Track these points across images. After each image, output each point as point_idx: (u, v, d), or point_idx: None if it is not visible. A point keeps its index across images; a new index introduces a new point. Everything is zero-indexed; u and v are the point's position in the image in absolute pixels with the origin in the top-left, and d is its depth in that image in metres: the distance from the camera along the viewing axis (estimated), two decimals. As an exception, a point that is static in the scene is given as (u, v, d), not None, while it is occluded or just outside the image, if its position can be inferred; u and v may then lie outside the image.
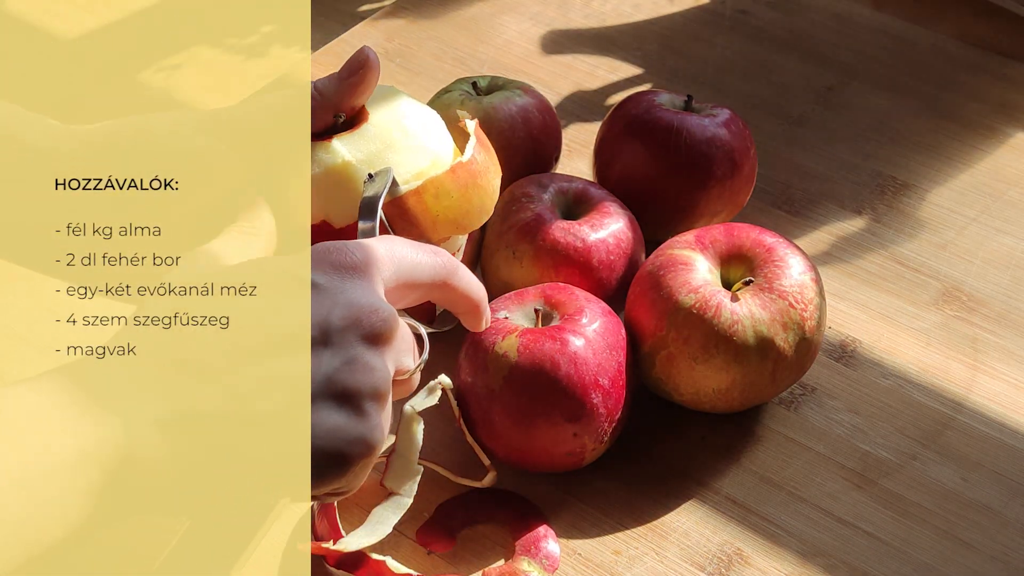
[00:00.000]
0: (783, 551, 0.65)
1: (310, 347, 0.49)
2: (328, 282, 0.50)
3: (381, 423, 0.50)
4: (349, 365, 0.49)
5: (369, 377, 0.49)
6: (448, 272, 0.55)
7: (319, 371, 0.48)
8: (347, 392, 0.49)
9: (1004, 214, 0.84)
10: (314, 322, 0.49)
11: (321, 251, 0.51)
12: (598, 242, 0.71)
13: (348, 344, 0.49)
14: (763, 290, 0.67)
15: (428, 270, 0.54)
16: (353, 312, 0.50)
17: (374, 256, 0.52)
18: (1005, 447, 0.70)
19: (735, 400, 0.68)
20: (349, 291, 0.50)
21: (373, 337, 0.50)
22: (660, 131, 0.76)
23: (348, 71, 0.60)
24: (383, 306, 0.50)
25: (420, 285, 0.54)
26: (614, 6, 1.02)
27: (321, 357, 0.49)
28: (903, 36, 0.99)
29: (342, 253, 0.51)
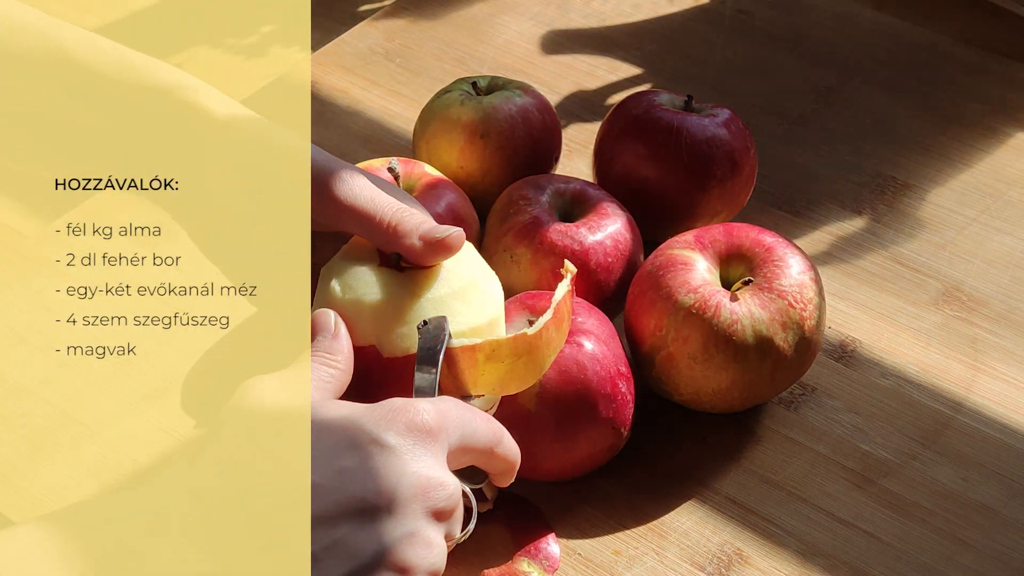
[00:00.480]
0: (783, 551, 0.65)
1: (378, 515, 0.47)
2: (400, 444, 0.49)
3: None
4: (410, 539, 0.48)
5: (428, 554, 0.48)
6: (497, 440, 0.55)
7: (379, 541, 0.47)
8: (405, 567, 0.48)
9: (1004, 214, 0.84)
10: (382, 489, 0.48)
11: (395, 408, 0.50)
12: (596, 244, 0.71)
13: (412, 516, 0.48)
14: (762, 290, 0.67)
15: (484, 438, 0.54)
16: (422, 484, 0.48)
17: (445, 421, 0.51)
18: (1005, 447, 0.70)
19: (735, 400, 0.68)
20: (420, 459, 0.49)
21: (437, 513, 0.49)
22: (660, 131, 0.76)
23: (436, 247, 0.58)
24: (450, 480, 0.50)
25: (474, 450, 0.53)
26: (614, 6, 1.02)
27: (384, 526, 0.47)
28: (903, 36, 0.99)
29: (417, 414, 0.50)
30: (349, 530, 0.47)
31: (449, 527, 0.51)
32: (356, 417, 0.50)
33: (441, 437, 0.50)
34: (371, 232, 0.58)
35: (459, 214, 0.74)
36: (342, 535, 0.47)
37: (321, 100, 0.93)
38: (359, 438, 0.49)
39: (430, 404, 0.51)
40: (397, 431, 0.49)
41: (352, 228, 0.59)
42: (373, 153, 0.88)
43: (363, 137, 0.90)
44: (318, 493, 0.47)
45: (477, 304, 0.59)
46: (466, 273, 0.59)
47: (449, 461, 0.52)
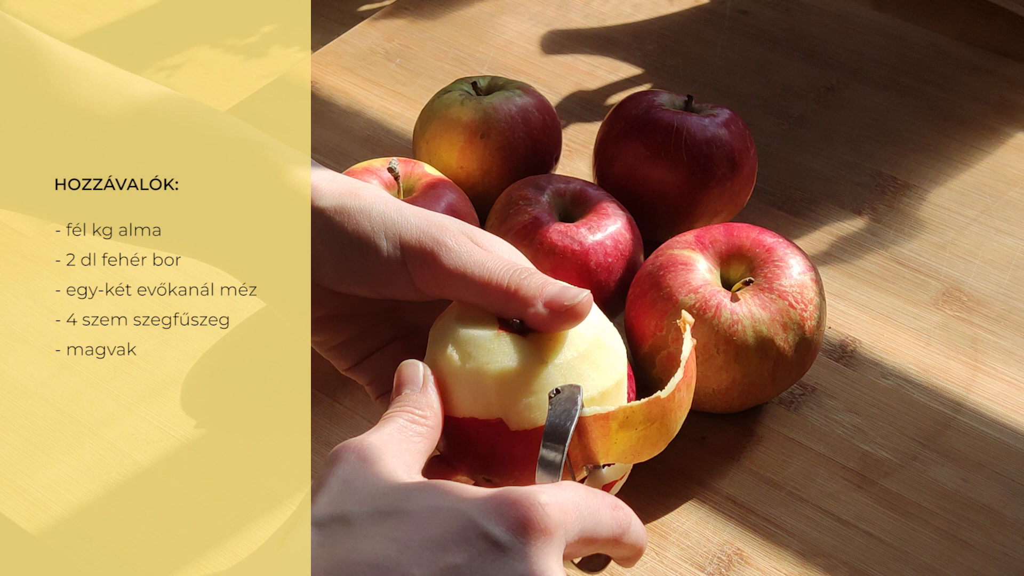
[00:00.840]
0: (783, 551, 0.65)
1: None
2: (513, 543, 0.46)
3: None
4: None
5: None
6: (624, 530, 0.51)
7: None
8: None
9: (1004, 214, 0.84)
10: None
11: (509, 501, 0.47)
12: (596, 244, 0.71)
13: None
14: (763, 290, 0.67)
15: (608, 528, 0.50)
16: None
17: (564, 515, 0.47)
18: (1005, 447, 0.70)
19: (735, 400, 0.68)
20: (531, 560, 0.46)
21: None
22: (660, 131, 0.76)
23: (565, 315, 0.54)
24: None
25: (597, 541, 0.50)
26: (614, 6, 1.02)
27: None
28: (903, 36, 0.99)
29: (534, 509, 0.46)
30: None
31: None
32: (467, 508, 0.46)
33: (559, 534, 0.47)
34: (488, 301, 0.55)
35: (459, 214, 0.74)
36: None
37: (321, 100, 0.93)
38: (468, 532, 0.46)
39: (550, 498, 0.47)
40: (511, 527, 0.46)
41: (464, 296, 0.56)
42: (373, 153, 0.88)
43: (363, 137, 0.90)
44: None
45: (604, 365, 0.55)
46: (590, 332, 0.55)
47: (568, 555, 0.49)
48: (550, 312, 0.53)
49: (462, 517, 0.46)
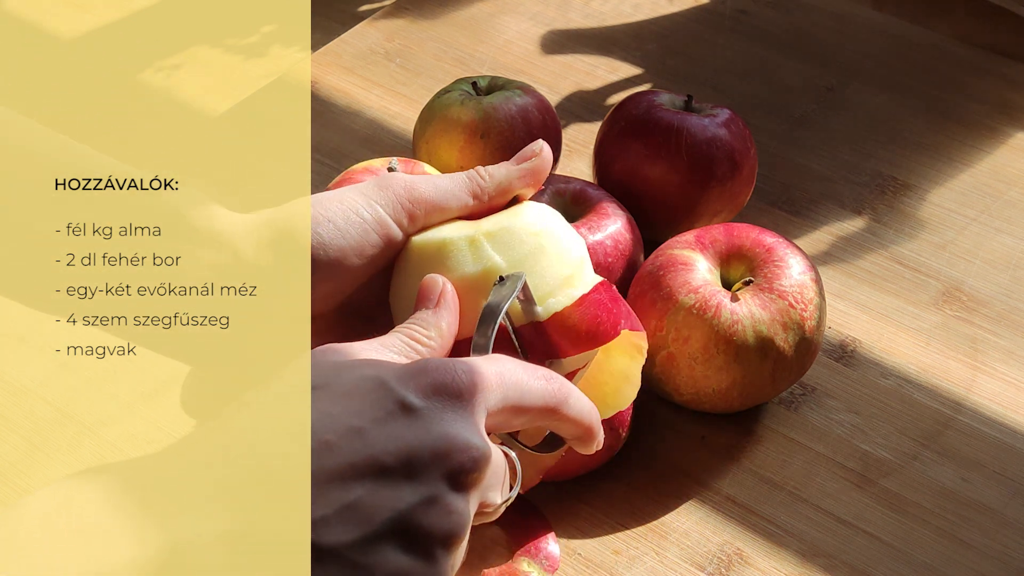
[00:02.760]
0: (783, 551, 0.65)
1: (394, 478, 0.45)
2: (426, 407, 0.46)
3: (449, 570, 0.46)
4: (428, 505, 0.45)
5: (446, 521, 0.46)
6: (559, 400, 0.51)
7: (394, 506, 0.45)
8: (420, 534, 0.45)
9: (1004, 214, 0.84)
10: (400, 450, 0.45)
11: (425, 368, 0.47)
12: (596, 244, 0.71)
13: (432, 482, 0.45)
14: (763, 290, 0.67)
15: (538, 397, 0.50)
16: (444, 447, 0.46)
17: (482, 381, 0.48)
18: (1005, 447, 0.70)
19: (735, 400, 0.68)
20: (447, 422, 0.46)
21: (459, 476, 0.46)
22: (660, 131, 0.76)
23: (521, 158, 0.60)
24: (477, 444, 0.47)
25: (528, 411, 0.50)
26: (614, 6, 1.02)
27: (400, 491, 0.45)
28: (903, 36, 0.99)
29: (448, 374, 0.47)
30: (363, 493, 0.44)
31: (482, 492, 0.48)
32: (384, 376, 0.47)
33: (476, 399, 0.47)
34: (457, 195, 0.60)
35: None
36: (355, 498, 0.44)
37: (321, 100, 0.93)
38: (383, 398, 0.46)
39: (466, 366, 0.48)
40: (424, 392, 0.46)
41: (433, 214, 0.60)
42: (373, 153, 0.88)
43: (363, 137, 0.90)
44: (330, 453, 0.44)
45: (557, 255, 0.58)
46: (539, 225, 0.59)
47: (496, 421, 0.49)
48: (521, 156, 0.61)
49: (379, 384, 0.46)
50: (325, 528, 0.44)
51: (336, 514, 0.44)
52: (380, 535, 0.45)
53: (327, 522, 0.44)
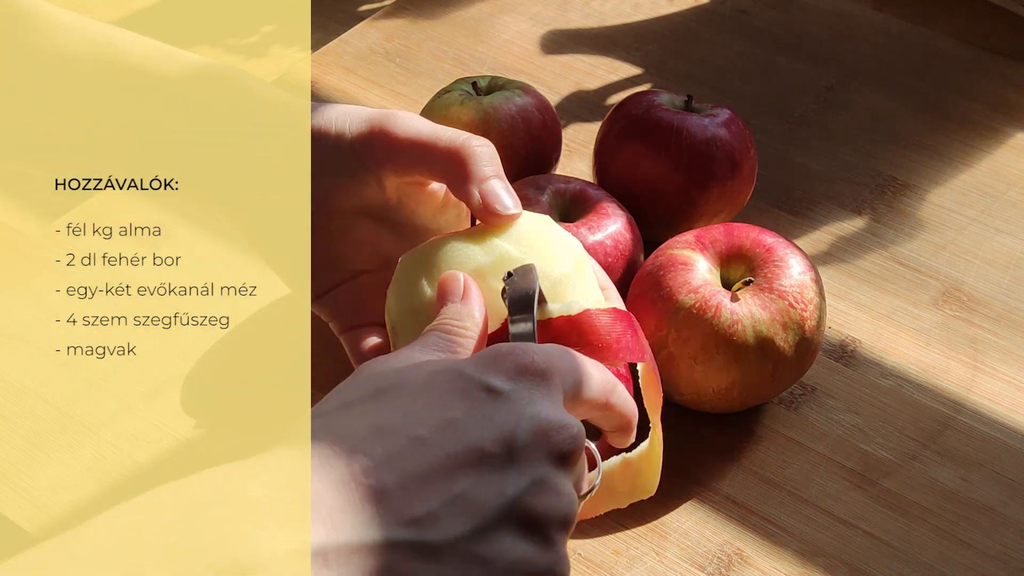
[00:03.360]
0: (783, 551, 0.65)
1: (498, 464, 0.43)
2: (512, 389, 0.45)
3: (567, 555, 0.45)
4: (538, 487, 0.44)
5: (558, 502, 0.44)
6: (610, 389, 0.51)
7: (504, 493, 0.43)
8: (535, 518, 0.43)
9: (1004, 214, 0.84)
10: (498, 436, 0.44)
11: (502, 353, 0.46)
12: (596, 244, 0.71)
13: (536, 463, 0.44)
14: (763, 290, 0.67)
15: (598, 386, 0.50)
16: (542, 427, 0.44)
17: (558, 363, 0.47)
18: (1005, 447, 0.70)
19: (735, 400, 0.68)
20: (537, 402, 0.45)
21: (562, 457, 0.45)
22: (660, 131, 0.76)
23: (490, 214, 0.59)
24: (571, 422, 0.46)
25: (587, 400, 0.50)
26: (614, 6, 1.02)
27: (507, 476, 0.43)
28: (903, 36, 0.99)
29: (527, 356, 0.46)
30: (469, 483, 0.43)
31: (577, 478, 0.47)
32: (459, 367, 0.46)
33: (555, 380, 0.46)
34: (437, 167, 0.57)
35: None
36: (462, 489, 0.42)
37: (321, 100, 0.93)
38: (467, 386, 0.45)
39: (538, 347, 0.47)
40: (507, 375, 0.45)
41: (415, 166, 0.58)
42: (373, 153, 0.88)
43: (363, 137, 0.90)
44: (427, 447, 0.43)
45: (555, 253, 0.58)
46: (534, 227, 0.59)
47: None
48: (483, 203, 0.57)
49: (458, 375, 0.45)
50: (434, 524, 0.42)
51: (443, 508, 0.42)
52: (494, 523, 0.43)
53: (435, 517, 0.42)
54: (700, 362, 0.67)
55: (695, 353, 0.66)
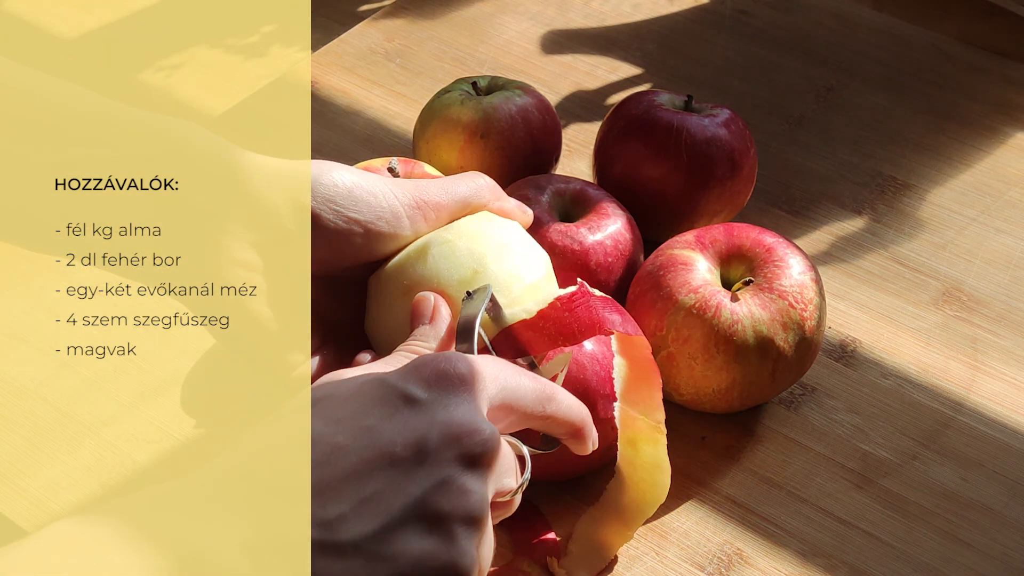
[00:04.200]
0: (783, 551, 0.65)
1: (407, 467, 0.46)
2: (429, 396, 0.47)
3: (473, 550, 0.46)
4: (443, 487, 0.46)
5: (463, 501, 0.46)
6: (546, 398, 0.53)
7: (410, 494, 0.45)
8: (438, 516, 0.46)
9: (1004, 214, 0.84)
10: (410, 440, 0.46)
11: (424, 362, 0.49)
12: (596, 244, 0.71)
13: (444, 465, 0.46)
14: (763, 290, 0.67)
15: (530, 394, 0.52)
16: (453, 431, 0.47)
17: (481, 371, 0.49)
18: (1005, 447, 0.70)
19: (735, 400, 0.68)
20: (452, 407, 0.47)
21: (472, 459, 0.47)
22: (660, 131, 0.76)
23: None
24: (485, 426, 0.47)
25: (520, 410, 0.52)
26: (614, 6, 1.02)
27: (414, 477, 0.46)
28: (903, 36, 0.99)
29: (448, 363, 0.48)
30: (379, 485, 0.45)
31: (497, 479, 0.48)
32: (383, 377, 0.48)
33: (477, 387, 0.48)
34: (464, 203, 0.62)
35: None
36: (371, 492, 0.45)
37: (321, 100, 0.93)
38: (385, 395, 0.47)
39: (461, 355, 0.49)
40: (425, 383, 0.48)
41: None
42: (373, 153, 0.88)
43: (363, 137, 0.90)
44: (342, 454, 0.46)
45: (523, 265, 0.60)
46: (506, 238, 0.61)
47: (492, 418, 0.50)
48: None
49: (381, 384, 0.48)
50: (344, 524, 0.45)
51: (353, 510, 0.45)
52: (398, 522, 0.45)
53: (345, 519, 0.45)
54: (700, 362, 0.67)
55: (695, 353, 0.66)
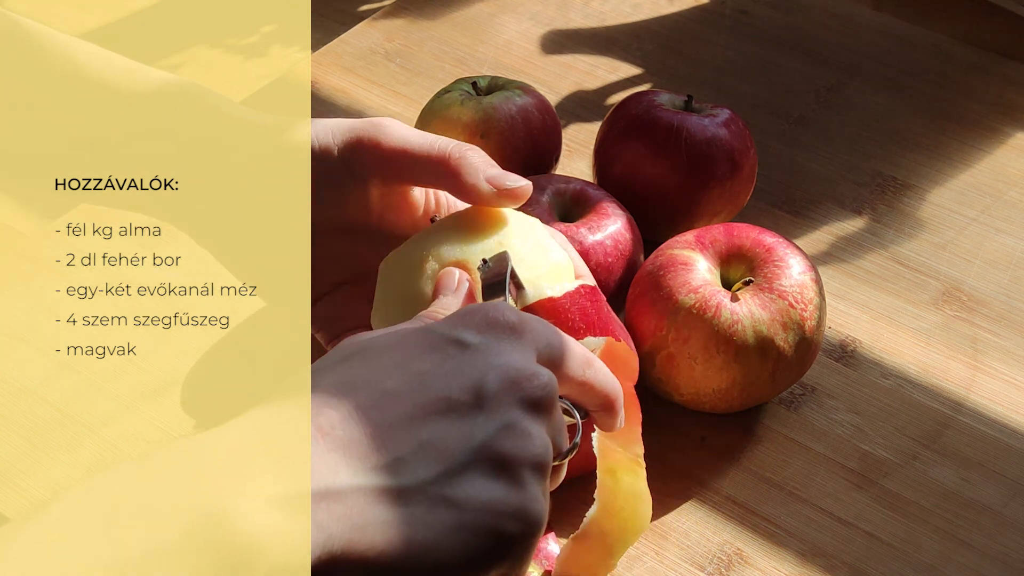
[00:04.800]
0: (783, 551, 0.65)
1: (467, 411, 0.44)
2: (482, 342, 0.46)
3: (542, 496, 0.45)
4: (506, 431, 0.44)
5: (528, 444, 0.44)
6: (587, 363, 0.51)
7: (473, 438, 0.44)
8: (504, 460, 0.44)
9: (1004, 214, 0.84)
10: (467, 385, 0.44)
11: (472, 309, 0.47)
12: (596, 244, 0.71)
13: (505, 409, 0.45)
14: (763, 290, 0.67)
15: (575, 356, 0.50)
16: (511, 375, 0.45)
17: (530, 322, 0.48)
18: (1005, 447, 0.70)
19: (735, 400, 0.68)
20: (506, 353, 0.46)
21: (533, 403, 0.45)
22: (660, 131, 0.76)
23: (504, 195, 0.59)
24: (543, 371, 0.46)
25: (562, 371, 0.50)
26: (614, 6, 1.02)
27: (475, 422, 0.44)
28: (903, 36, 0.99)
29: (498, 311, 0.47)
30: (438, 430, 0.43)
31: (551, 429, 0.47)
32: (429, 326, 0.47)
33: (527, 336, 0.47)
34: (431, 175, 0.57)
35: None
36: (429, 436, 0.43)
37: (321, 100, 0.93)
38: (434, 342, 0.46)
39: (509, 305, 0.48)
40: (477, 328, 0.46)
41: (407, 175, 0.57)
42: (373, 153, 0.88)
43: (363, 137, 0.90)
44: (396, 399, 0.44)
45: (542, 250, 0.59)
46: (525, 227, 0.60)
47: None
48: (494, 186, 0.57)
49: (429, 332, 0.46)
50: (403, 468, 0.43)
51: (413, 453, 0.43)
52: (463, 466, 0.43)
53: (404, 462, 0.43)
54: (700, 362, 0.67)
55: (695, 353, 0.66)
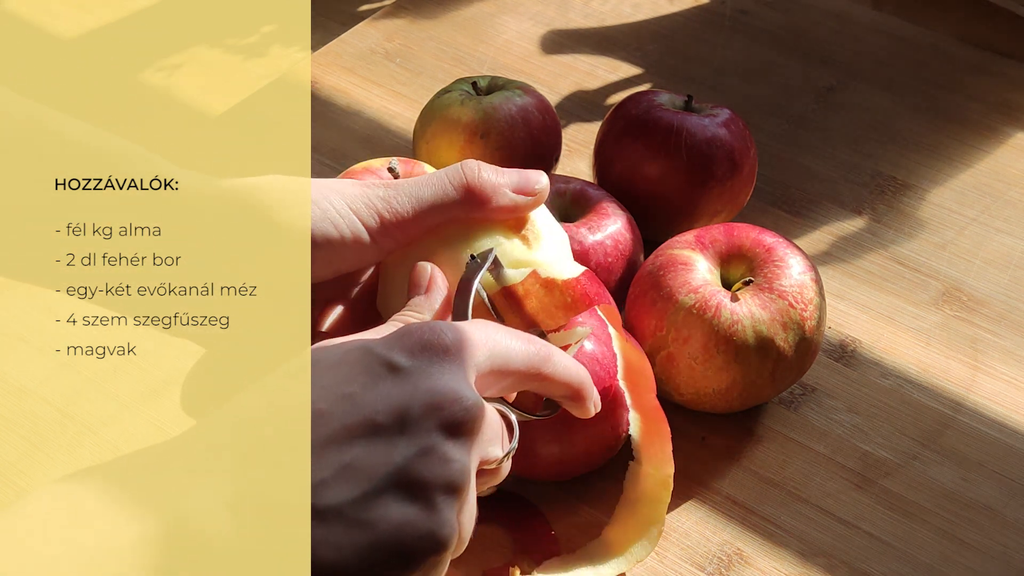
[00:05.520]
0: (783, 551, 0.65)
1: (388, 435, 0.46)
2: (412, 365, 0.47)
3: (453, 520, 0.47)
4: (424, 455, 0.46)
5: (444, 469, 0.46)
6: (541, 359, 0.52)
7: (391, 460, 0.46)
8: (418, 484, 0.46)
9: (1004, 214, 0.84)
10: (392, 409, 0.46)
11: (409, 330, 0.48)
12: (596, 244, 0.71)
13: (425, 433, 0.46)
14: (763, 290, 0.67)
15: (521, 356, 0.51)
16: (435, 399, 0.47)
17: (467, 339, 0.49)
18: (1005, 447, 0.70)
19: (735, 400, 0.68)
20: (435, 376, 0.47)
21: (454, 427, 0.47)
22: (660, 131, 0.76)
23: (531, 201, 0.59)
24: (468, 395, 0.47)
25: (512, 372, 0.51)
26: (614, 6, 1.02)
27: (395, 445, 0.46)
28: (903, 36, 0.99)
29: (433, 333, 0.48)
30: (360, 453, 0.45)
31: (481, 447, 0.48)
32: (368, 344, 0.48)
33: (463, 355, 0.48)
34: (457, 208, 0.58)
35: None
36: (352, 458, 0.45)
37: (321, 100, 0.93)
38: (369, 363, 0.47)
39: (448, 325, 0.49)
40: (410, 351, 0.47)
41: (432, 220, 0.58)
42: (373, 153, 0.88)
43: (363, 137, 0.90)
44: (323, 420, 0.46)
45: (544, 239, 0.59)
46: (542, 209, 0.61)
47: (484, 384, 0.50)
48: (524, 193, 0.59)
49: (366, 352, 0.48)
50: (325, 490, 0.45)
51: (334, 476, 0.45)
52: (379, 490, 0.45)
53: (326, 484, 0.45)
54: (700, 362, 0.67)
55: (695, 353, 0.66)
